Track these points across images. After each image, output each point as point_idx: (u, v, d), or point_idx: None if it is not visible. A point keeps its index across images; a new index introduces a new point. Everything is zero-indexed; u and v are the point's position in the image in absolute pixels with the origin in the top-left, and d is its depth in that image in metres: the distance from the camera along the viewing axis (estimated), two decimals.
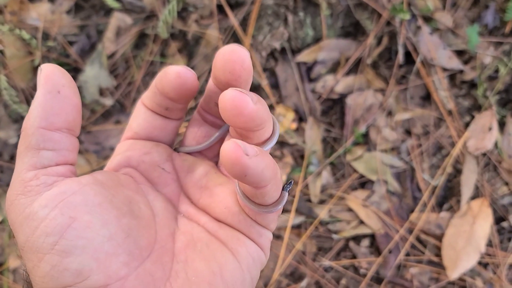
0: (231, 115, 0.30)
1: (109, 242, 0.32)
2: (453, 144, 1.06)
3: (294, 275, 0.99)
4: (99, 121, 1.08)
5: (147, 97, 0.42)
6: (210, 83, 0.39)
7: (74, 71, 1.05)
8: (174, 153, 0.44)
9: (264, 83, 1.07)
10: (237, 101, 0.30)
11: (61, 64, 1.01)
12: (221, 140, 0.43)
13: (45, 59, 1.03)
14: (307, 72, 1.09)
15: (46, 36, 1.04)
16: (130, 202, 0.37)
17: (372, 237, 1.02)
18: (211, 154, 0.44)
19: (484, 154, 1.05)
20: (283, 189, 0.36)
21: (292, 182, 0.37)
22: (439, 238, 1.01)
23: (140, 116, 0.43)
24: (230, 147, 0.28)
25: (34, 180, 0.32)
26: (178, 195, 0.42)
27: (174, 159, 0.43)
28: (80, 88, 1.05)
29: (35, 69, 1.03)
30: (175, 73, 0.37)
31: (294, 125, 1.06)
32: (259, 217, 0.38)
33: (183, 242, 0.38)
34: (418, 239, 1.02)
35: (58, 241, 0.30)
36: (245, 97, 0.30)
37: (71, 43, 1.06)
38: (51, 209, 0.31)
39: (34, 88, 1.02)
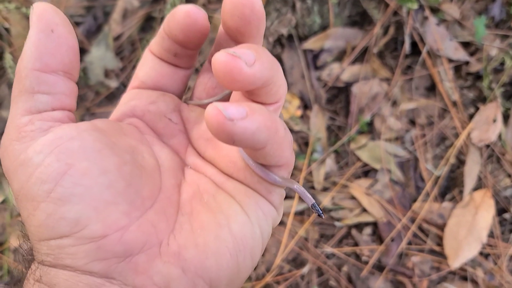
0: (224, 81, 0.27)
1: (108, 190, 0.30)
2: (457, 135, 1.06)
3: (296, 261, 0.99)
4: (103, 103, 1.07)
5: (155, 43, 0.39)
6: (221, 29, 0.37)
7: (80, 52, 1.05)
8: (182, 104, 0.42)
9: None
10: (229, 67, 0.26)
11: None
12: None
13: None
14: (313, 59, 1.09)
15: None
16: (133, 151, 0.34)
17: (375, 225, 1.02)
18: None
19: (487, 146, 1.05)
20: (312, 206, 0.36)
21: (321, 212, 0.36)
22: (441, 227, 1.01)
23: (147, 64, 0.41)
24: (211, 113, 0.26)
25: (29, 125, 0.30)
26: (186, 146, 0.40)
27: (182, 110, 0.41)
28: (85, 69, 1.05)
29: None
30: (184, 12, 0.34)
31: (299, 112, 1.06)
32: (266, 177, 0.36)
33: (188, 193, 0.36)
34: (420, 228, 1.02)
35: (54, 188, 0.29)
36: (238, 62, 0.26)
37: (77, 24, 1.05)
38: (46, 155, 0.29)
39: None
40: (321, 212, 0.36)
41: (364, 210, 1.02)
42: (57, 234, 0.29)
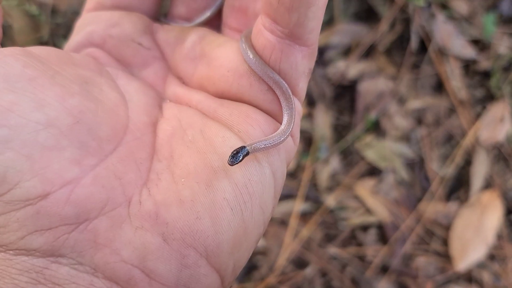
0: None
1: (47, 131, 0.22)
2: (463, 135, 1.05)
3: (300, 262, 0.98)
4: None
5: None
6: None
7: None
8: (154, 24, 0.33)
9: None
10: None
11: None
12: (218, 14, 0.33)
13: (54, 35, 1.02)
14: (319, 56, 1.08)
15: (55, 12, 1.03)
16: (85, 83, 0.26)
17: (379, 225, 1.01)
18: (207, 26, 0.34)
19: (495, 146, 1.04)
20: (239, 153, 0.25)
21: (235, 158, 0.25)
22: (447, 228, 1.00)
23: None
24: None
25: None
26: (164, 77, 0.32)
27: (156, 31, 0.33)
28: None
29: (43, 45, 1.02)
30: None
31: (303, 110, 1.05)
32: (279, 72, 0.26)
33: (166, 131, 0.27)
34: (425, 229, 1.01)
35: None
36: None
37: None
38: None
39: None
40: (235, 158, 0.25)
41: (369, 210, 1.01)
42: None
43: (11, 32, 1.01)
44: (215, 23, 0.34)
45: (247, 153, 0.25)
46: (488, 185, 1.02)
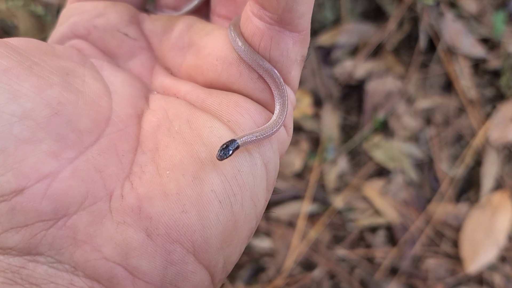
0: None
1: (22, 123, 0.21)
2: (473, 135, 1.03)
3: (307, 264, 0.97)
4: None
5: None
6: None
7: None
8: (141, 14, 0.33)
9: None
10: None
11: None
12: (207, 2, 0.33)
13: None
14: (325, 56, 1.07)
15: (60, 13, 1.03)
16: (66, 73, 0.26)
17: (388, 227, 1.00)
18: (195, 15, 0.33)
19: (505, 146, 1.02)
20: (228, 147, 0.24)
21: (224, 153, 0.24)
22: (457, 230, 0.98)
23: None
24: None
25: None
26: (151, 68, 0.31)
27: (142, 21, 0.32)
28: None
29: None
30: None
31: (310, 110, 1.04)
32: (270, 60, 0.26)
33: (152, 123, 0.26)
34: (435, 230, 0.99)
35: None
36: None
37: None
38: None
39: None
40: (225, 152, 0.24)
41: (377, 212, 1.00)
42: None
43: (17, 33, 1.01)
44: (203, 11, 0.33)
45: (237, 147, 0.24)
46: (498, 185, 1.01)
